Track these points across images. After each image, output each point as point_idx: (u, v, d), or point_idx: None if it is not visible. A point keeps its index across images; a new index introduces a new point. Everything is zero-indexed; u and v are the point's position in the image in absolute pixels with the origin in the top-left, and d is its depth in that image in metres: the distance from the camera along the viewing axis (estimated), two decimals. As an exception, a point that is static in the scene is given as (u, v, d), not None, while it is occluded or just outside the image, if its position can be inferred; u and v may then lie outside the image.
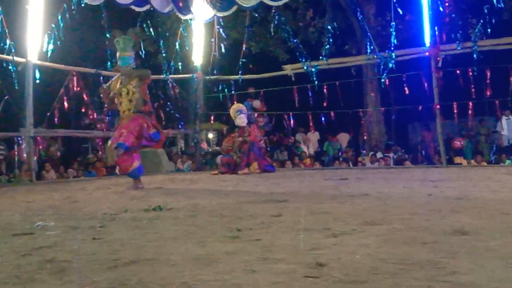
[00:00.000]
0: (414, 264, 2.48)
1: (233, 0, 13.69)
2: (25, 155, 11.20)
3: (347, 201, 5.33)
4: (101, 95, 8.57)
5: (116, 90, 8.12)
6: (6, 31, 10.48)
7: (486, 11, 11.95)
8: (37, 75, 11.19)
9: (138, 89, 8.00)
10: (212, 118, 15.75)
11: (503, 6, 12.22)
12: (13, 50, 10.59)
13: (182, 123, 15.81)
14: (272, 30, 17.11)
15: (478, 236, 3.15)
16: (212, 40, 14.67)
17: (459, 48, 12.01)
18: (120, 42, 8.18)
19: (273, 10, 15.04)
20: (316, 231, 3.51)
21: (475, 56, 11.80)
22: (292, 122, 15.60)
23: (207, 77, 14.86)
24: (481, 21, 11.91)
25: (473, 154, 14.39)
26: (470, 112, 12.87)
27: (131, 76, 8.02)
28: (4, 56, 10.54)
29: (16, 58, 10.69)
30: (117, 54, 8.30)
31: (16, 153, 11.92)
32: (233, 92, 14.82)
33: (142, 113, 7.99)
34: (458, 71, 12.26)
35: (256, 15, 15.94)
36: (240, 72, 14.72)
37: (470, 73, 12.12)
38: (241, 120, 11.66)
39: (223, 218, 4.32)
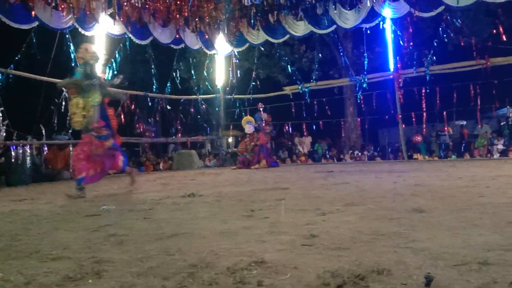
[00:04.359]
0: (383, 235, 2.48)
1: (246, 39, 13.76)
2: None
3: (333, 188, 5.32)
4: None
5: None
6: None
7: (435, 44, 11.95)
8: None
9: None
10: (231, 127, 15.78)
11: (447, 40, 12.23)
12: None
13: (208, 131, 15.83)
14: (275, 60, 17.20)
15: (432, 213, 3.14)
16: (230, 68, 14.72)
17: (415, 72, 12.01)
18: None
19: (276, 46, 15.07)
20: (310, 211, 3.51)
21: (427, 78, 11.79)
22: (290, 129, 15.62)
23: (227, 96, 14.91)
24: (432, 51, 11.91)
25: (426, 151, 14.32)
26: (424, 119, 12.84)
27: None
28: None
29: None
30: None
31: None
32: (246, 107, 14.87)
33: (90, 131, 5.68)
34: (415, 89, 12.24)
35: (263, 49, 15.96)
36: (251, 92, 14.75)
37: (424, 91, 12.10)
38: (247, 129, 11.80)
39: (241, 202, 4.33)
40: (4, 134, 9.21)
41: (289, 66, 15.05)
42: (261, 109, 14.50)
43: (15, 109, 9.94)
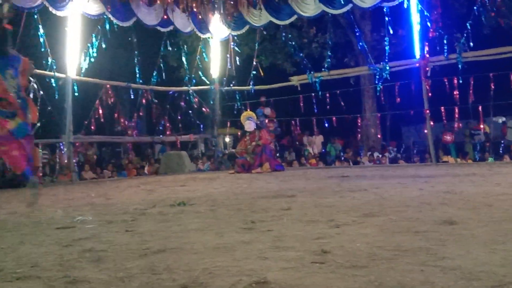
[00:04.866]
0: (407, 251, 2.47)
1: (246, 20, 13.76)
2: (65, 159, 11.29)
3: (348, 195, 5.31)
4: None
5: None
6: (48, 50, 10.60)
7: (469, 26, 11.90)
8: (75, 88, 11.30)
9: None
10: (228, 124, 15.78)
11: (484, 22, 12.19)
12: (54, 67, 10.73)
13: (202, 129, 15.84)
14: (280, 45, 17.19)
15: (465, 225, 3.13)
16: (228, 55, 14.73)
17: (446, 59, 11.98)
18: None
19: (281, 28, 15.07)
20: (321, 222, 3.51)
21: (460, 66, 11.75)
22: (298, 126, 15.60)
23: (223, 88, 14.91)
24: (465, 35, 11.87)
25: (458, 153, 14.31)
26: (456, 115, 12.80)
27: None
28: (47, 72, 10.66)
29: (57, 74, 10.82)
30: None
31: (57, 157, 11.99)
32: (246, 101, 14.87)
33: None
34: (445, 80, 12.20)
35: (266, 33, 15.96)
36: (252, 83, 14.75)
37: (456, 81, 12.06)
38: (247, 126, 11.79)
39: (239, 212, 4.33)
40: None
41: (296, 52, 15.03)
42: (263, 103, 14.55)
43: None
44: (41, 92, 10.43)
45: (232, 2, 13.80)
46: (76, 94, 11.32)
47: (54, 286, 2.12)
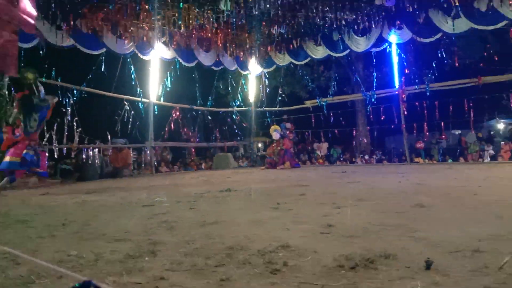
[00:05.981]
0: (390, 226, 2.44)
1: (273, 61, 13.78)
2: (148, 158, 11.48)
3: (346, 186, 5.27)
4: None
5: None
6: (137, 83, 10.83)
7: (434, 65, 11.71)
8: (155, 109, 11.48)
9: None
10: (260, 134, 15.75)
11: (446, 62, 11.97)
12: (141, 95, 10.93)
13: (242, 137, 15.86)
14: (297, 79, 17.13)
15: (432, 208, 3.08)
16: (261, 86, 14.76)
17: (417, 88, 11.76)
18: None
19: (298, 67, 15.03)
20: (327, 204, 3.49)
21: (428, 93, 11.53)
22: (310, 136, 15.51)
23: (258, 109, 14.93)
24: (431, 71, 11.67)
25: (426, 156, 13.97)
26: (425, 129, 12.52)
27: None
28: (136, 98, 10.88)
29: (143, 99, 11.01)
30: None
31: (142, 156, 12.17)
32: (273, 118, 14.86)
33: None
34: (417, 103, 11.98)
35: (288, 70, 15.91)
36: (278, 105, 14.74)
37: (425, 104, 11.83)
38: (274, 136, 11.75)
39: (269, 196, 4.33)
40: (77, 139, 9.44)
41: (309, 83, 14.97)
42: (286, 119, 14.49)
43: (86, 119, 10.11)
44: (132, 112, 10.67)
45: (264, 49, 13.86)
46: (156, 113, 11.50)
47: (141, 246, 2.16)
